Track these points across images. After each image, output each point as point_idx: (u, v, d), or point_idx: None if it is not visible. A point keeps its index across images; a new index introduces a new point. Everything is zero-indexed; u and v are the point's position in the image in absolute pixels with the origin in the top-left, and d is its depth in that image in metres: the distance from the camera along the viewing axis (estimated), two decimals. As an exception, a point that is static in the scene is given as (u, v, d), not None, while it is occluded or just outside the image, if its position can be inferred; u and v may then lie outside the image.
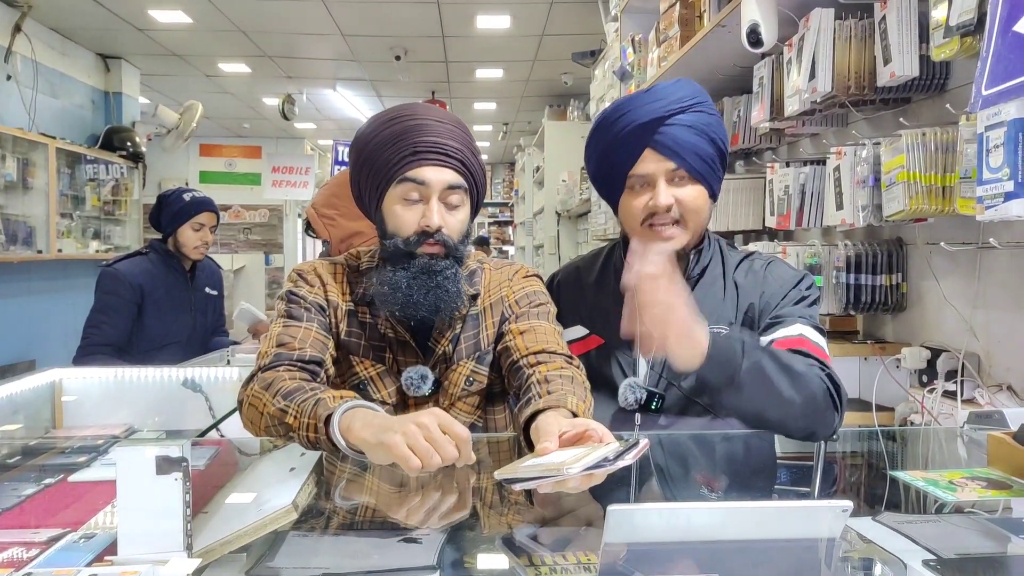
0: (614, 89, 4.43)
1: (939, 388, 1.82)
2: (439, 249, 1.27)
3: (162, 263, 2.87)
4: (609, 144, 1.37)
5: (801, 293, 1.37)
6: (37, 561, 0.83)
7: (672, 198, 1.33)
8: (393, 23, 5.77)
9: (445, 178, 1.26)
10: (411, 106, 1.32)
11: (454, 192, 1.27)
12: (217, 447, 1.39)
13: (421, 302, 1.26)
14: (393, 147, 1.26)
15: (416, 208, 1.27)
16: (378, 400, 1.33)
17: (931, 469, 1.21)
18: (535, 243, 8.32)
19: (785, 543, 0.79)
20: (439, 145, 1.26)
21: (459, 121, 1.33)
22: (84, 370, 2.15)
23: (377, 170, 1.28)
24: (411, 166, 1.25)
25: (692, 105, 1.34)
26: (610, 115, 1.37)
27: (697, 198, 1.36)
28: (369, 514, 1.09)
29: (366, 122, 1.34)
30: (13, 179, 5.08)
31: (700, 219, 1.38)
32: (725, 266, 1.43)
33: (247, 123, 9.89)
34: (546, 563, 0.85)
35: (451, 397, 1.35)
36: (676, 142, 1.32)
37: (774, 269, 1.42)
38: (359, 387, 1.34)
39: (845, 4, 1.95)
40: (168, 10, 5.49)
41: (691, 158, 1.33)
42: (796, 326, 1.29)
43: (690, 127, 1.33)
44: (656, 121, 1.32)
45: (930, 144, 1.65)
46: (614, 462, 0.82)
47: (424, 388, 1.31)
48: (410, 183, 1.25)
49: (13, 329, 5.24)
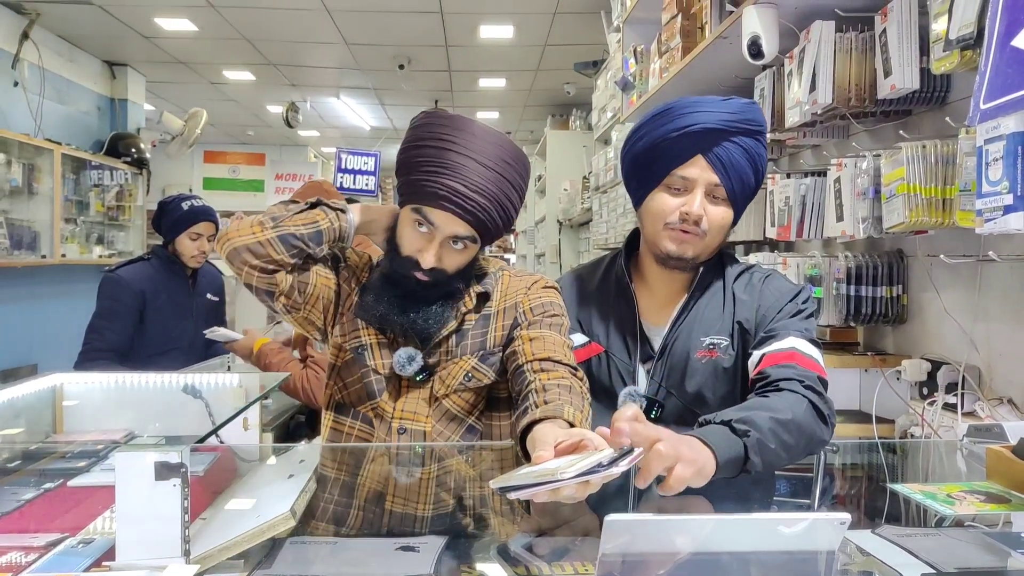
0: (616, 99, 4.44)
1: (939, 401, 1.81)
2: (427, 280, 1.29)
3: (164, 269, 2.88)
4: (665, 135, 1.35)
5: (797, 306, 1.36)
6: (35, 566, 0.84)
7: (704, 210, 1.34)
8: (397, 32, 5.80)
9: (455, 229, 1.27)
10: (461, 130, 1.27)
11: (462, 240, 1.29)
12: (216, 453, 1.39)
13: (394, 321, 1.31)
14: (424, 172, 1.26)
15: (421, 236, 1.28)
16: (371, 367, 1.37)
17: (930, 482, 1.21)
18: (536, 251, 8.32)
19: (783, 555, 0.79)
20: (461, 196, 1.25)
21: (505, 159, 1.29)
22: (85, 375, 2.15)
23: (407, 183, 1.30)
24: (427, 203, 1.26)
25: (755, 131, 1.35)
26: (677, 107, 1.36)
27: (724, 218, 1.37)
28: (366, 521, 1.09)
29: (421, 117, 1.33)
30: (18, 184, 5.11)
31: (718, 239, 1.39)
32: (725, 278, 1.43)
33: (251, 130, 9.93)
34: (543, 573, 0.85)
35: (447, 387, 1.37)
36: (729, 159, 1.33)
37: (771, 283, 1.41)
38: (358, 350, 1.38)
39: (846, 17, 1.96)
40: (174, 18, 5.52)
41: (735, 180, 1.34)
42: (789, 339, 1.28)
43: (745, 151, 1.34)
44: (720, 132, 1.32)
45: (930, 156, 1.65)
46: (608, 468, 0.82)
47: (410, 369, 1.33)
48: (421, 217, 1.27)
49: (16, 333, 5.26)
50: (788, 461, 1.12)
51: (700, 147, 1.33)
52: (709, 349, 1.35)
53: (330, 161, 11.10)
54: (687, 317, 1.40)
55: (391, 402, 1.37)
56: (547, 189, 7.23)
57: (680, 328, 1.39)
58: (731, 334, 1.37)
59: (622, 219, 4.35)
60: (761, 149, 1.37)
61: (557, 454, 0.93)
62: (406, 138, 1.33)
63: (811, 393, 1.17)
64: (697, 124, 1.32)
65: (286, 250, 1.27)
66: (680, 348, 1.37)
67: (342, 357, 1.41)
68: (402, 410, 1.37)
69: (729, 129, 1.32)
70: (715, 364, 1.35)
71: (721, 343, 1.36)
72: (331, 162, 10.55)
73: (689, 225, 1.34)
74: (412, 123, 1.34)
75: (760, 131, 1.37)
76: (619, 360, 1.41)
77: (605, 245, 4.83)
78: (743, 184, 1.35)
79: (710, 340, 1.36)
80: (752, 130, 1.35)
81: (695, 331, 1.38)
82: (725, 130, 1.32)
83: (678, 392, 1.36)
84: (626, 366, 1.41)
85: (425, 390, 1.37)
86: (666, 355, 1.38)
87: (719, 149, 1.32)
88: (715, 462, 0.98)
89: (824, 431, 1.17)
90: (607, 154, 4.84)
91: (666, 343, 1.39)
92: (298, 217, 1.30)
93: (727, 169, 1.33)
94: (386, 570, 0.90)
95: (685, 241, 1.35)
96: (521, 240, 10.51)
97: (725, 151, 1.33)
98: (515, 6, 5.18)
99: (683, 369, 1.36)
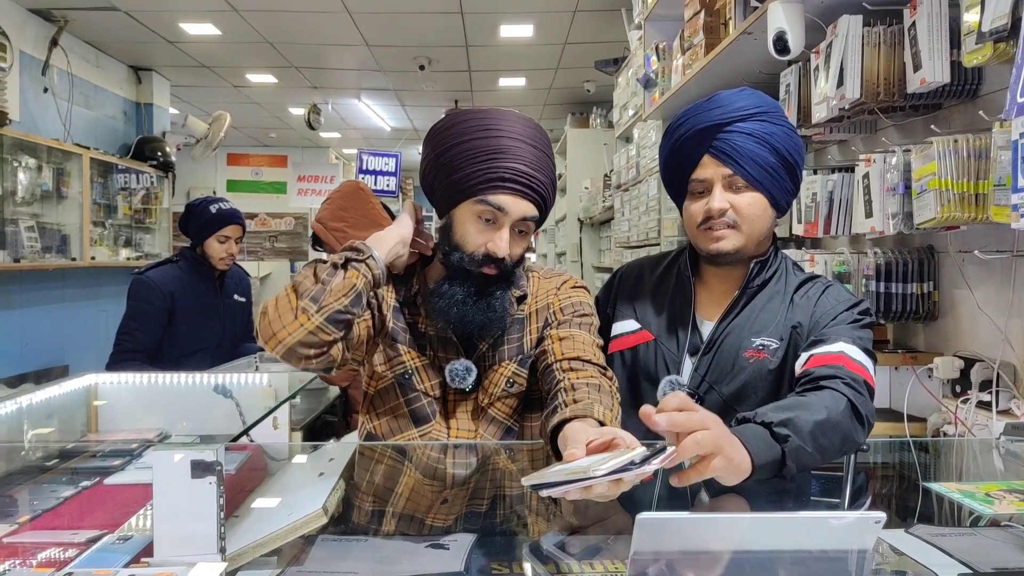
0: (637, 97, 4.42)
1: (973, 399, 1.78)
2: (496, 272, 1.29)
3: (192, 271, 2.91)
4: (672, 148, 1.41)
5: (853, 315, 1.35)
6: (76, 561, 0.85)
7: (727, 203, 1.35)
8: (417, 33, 5.82)
9: (523, 209, 1.27)
10: (499, 117, 1.29)
11: (526, 223, 1.29)
12: (247, 452, 1.40)
13: (473, 319, 1.29)
14: (479, 164, 1.25)
15: (487, 230, 1.27)
16: (421, 391, 1.35)
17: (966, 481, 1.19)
18: (557, 250, 8.31)
19: (816, 555, 0.78)
20: (525, 176, 1.26)
21: (543, 139, 1.32)
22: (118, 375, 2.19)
23: (458, 181, 1.27)
24: (493, 192, 1.25)
25: (754, 114, 1.35)
26: (675, 122, 1.42)
27: (752, 205, 1.36)
28: (397, 519, 1.09)
29: (451, 119, 1.32)
30: (49, 188, 5.19)
31: (757, 227, 1.38)
32: (787, 284, 1.43)
33: (273, 133, 10.02)
34: (573, 571, 0.85)
35: (491, 396, 1.36)
36: (734, 148, 1.34)
37: (831, 292, 1.41)
38: (404, 376, 1.35)
39: (874, 10, 1.94)
40: (198, 23, 5.58)
41: (748, 165, 1.34)
42: (839, 344, 1.26)
43: (750, 135, 1.34)
44: (714, 127, 1.35)
45: (962, 151, 1.62)
46: (640, 466, 0.82)
47: (468, 380, 1.33)
48: (488, 207, 1.26)
49: (47, 335, 5.35)
50: (822, 462, 1.11)
51: (703, 148, 1.36)
52: (758, 350, 1.36)
53: (351, 162, 11.17)
54: (740, 314, 1.40)
55: (443, 423, 1.36)
56: (567, 187, 7.21)
57: (731, 324, 1.40)
58: (782, 338, 1.36)
59: (644, 217, 4.33)
60: (771, 128, 1.35)
61: (588, 452, 0.93)
62: (437, 142, 1.31)
63: (851, 392, 1.16)
64: (691, 129, 1.37)
65: (336, 328, 1.19)
66: (729, 344, 1.38)
67: (377, 384, 1.38)
68: (456, 428, 1.36)
69: (723, 121, 1.35)
70: (761, 365, 1.35)
71: (771, 345, 1.36)
72: (352, 163, 10.62)
73: (715, 221, 1.36)
74: (437, 128, 1.33)
75: (760, 112, 1.35)
76: (667, 349, 1.43)
77: (627, 243, 4.81)
78: (760, 167, 1.35)
79: (760, 341, 1.36)
80: (749, 114, 1.35)
81: (747, 330, 1.38)
82: (719, 123, 1.35)
83: (720, 387, 1.37)
84: (673, 356, 1.42)
85: (470, 402, 1.37)
86: (714, 349, 1.39)
87: (719, 143, 1.35)
88: (751, 465, 0.98)
89: (859, 433, 1.15)
90: (629, 152, 4.82)
91: (715, 337, 1.40)
92: (336, 288, 1.19)
93: (735, 158, 1.34)
94: (417, 567, 0.90)
95: (720, 237, 1.37)
96: (542, 239, 10.49)
97: (727, 143, 1.34)
98: (535, 5, 5.18)
99: (729, 365, 1.37)
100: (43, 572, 0.82)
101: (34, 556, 0.88)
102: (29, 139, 4.87)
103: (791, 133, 1.38)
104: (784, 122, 1.39)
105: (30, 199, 5.00)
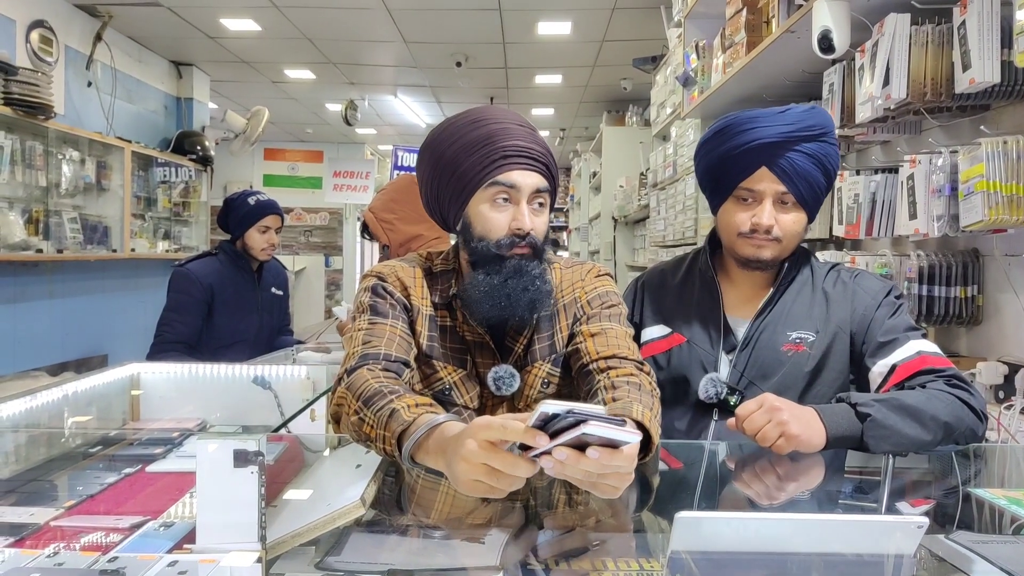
0: (676, 95, 4.39)
1: (1017, 404, 1.74)
2: (529, 251, 1.28)
3: (231, 264, 2.96)
4: (728, 151, 1.40)
5: (893, 305, 1.40)
6: (121, 546, 0.87)
7: (774, 220, 1.37)
8: (455, 30, 5.84)
9: (533, 181, 1.28)
10: (487, 110, 1.33)
11: (540, 195, 1.29)
12: (284, 443, 1.42)
13: (518, 302, 1.26)
14: (480, 151, 1.27)
15: (505, 211, 1.27)
16: (461, 404, 1.33)
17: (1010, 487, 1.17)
18: (590, 248, 8.28)
19: (855, 559, 0.77)
20: (526, 149, 1.27)
21: (530, 124, 1.35)
22: (159, 365, 2.24)
23: (463, 174, 1.28)
24: (501, 170, 1.26)
25: (819, 135, 1.36)
26: (736, 124, 1.39)
27: (796, 223, 1.40)
28: (433, 512, 1.10)
29: (439, 128, 1.34)
30: (91, 181, 5.31)
31: (795, 241, 1.43)
32: (814, 275, 1.46)
33: (310, 128, 10.12)
34: (608, 568, 0.85)
35: (527, 399, 1.34)
36: (794, 168, 1.35)
37: (862, 281, 1.44)
38: (444, 392, 1.33)
39: (922, 9, 1.90)
40: (239, 18, 5.66)
41: (803, 186, 1.36)
42: (911, 344, 1.33)
43: (810, 156, 1.35)
44: (782, 144, 1.35)
45: (1012, 153, 1.59)
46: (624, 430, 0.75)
47: (514, 386, 1.31)
48: (500, 187, 1.26)
49: (88, 324, 5.47)
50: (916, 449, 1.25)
51: (763, 160, 1.36)
52: (796, 343, 1.39)
53: (386, 159, 11.25)
54: (773, 310, 1.43)
55: None
56: (602, 186, 7.18)
57: (766, 320, 1.42)
58: (818, 331, 1.40)
59: (681, 216, 4.29)
60: (828, 149, 1.37)
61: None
62: (432, 151, 1.32)
63: (958, 390, 1.27)
64: (756, 140, 1.36)
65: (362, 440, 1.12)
66: (766, 340, 1.40)
67: None
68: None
69: (791, 139, 1.35)
70: (800, 357, 1.38)
71: (808, 338, 1.39)
72: (387, 159, 10.71)
73: (760, 234, 1.38)
74: (426, 142, 1.34)
75: (824, 133, 1.37)
76: (702, 349, 1.44)
77: (663, 242, 4.78)
78: (812, 188, 1.38)
79: (797, 334, 1.39)
80: (815, 135, 1.36)
81: (781, 325, 1.41)
82: (787, 141, 1.35)
83: (760, 382, 1.38)
84: (708, 355, 1.43)
85: (507, 407, 1.35)
86: (751, 346, 1.41)
87: (782, 160, 1.35)
88: (825, 437, 1.18)
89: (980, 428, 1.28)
90: (666, 150, 4.78)
91: (751, 334, 1.41)
92: (381, 445, 1.06)
93: (793, 177, 1.35)
94: (453, 560, 0.91)
95: (761, 247, 1.39)
96: (574, 237, 10.47)
97: (788, 161, 1.35)
98: (574, 2, 5.16)
99: (768, 360, 1.39)
100: (89, 555, 0.84)
101: (79, 540, 0.90)
102: (73, 132, 4.98)
103: (837, 151, 1.41)
104: (835, 140, 1.40)
105: (73, 191, 5.11)
